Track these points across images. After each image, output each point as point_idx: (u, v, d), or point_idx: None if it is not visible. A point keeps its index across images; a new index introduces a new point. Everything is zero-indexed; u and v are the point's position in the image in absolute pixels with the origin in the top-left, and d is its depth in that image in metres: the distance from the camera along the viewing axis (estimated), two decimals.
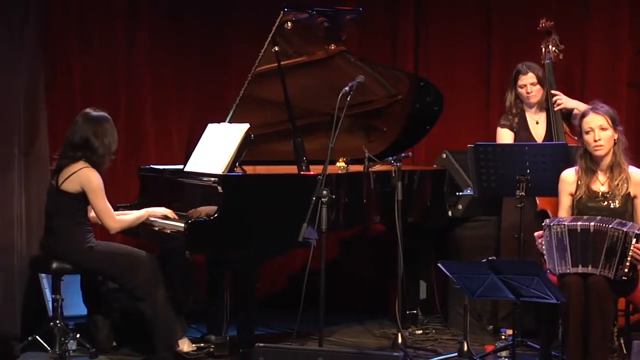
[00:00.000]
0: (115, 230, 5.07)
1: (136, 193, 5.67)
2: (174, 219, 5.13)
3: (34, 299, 5.54)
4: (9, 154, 5.39)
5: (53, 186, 5.08)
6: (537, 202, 5.38)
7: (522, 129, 5.61)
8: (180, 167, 5.45)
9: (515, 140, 5.60)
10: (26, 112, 5.50)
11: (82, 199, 5.03)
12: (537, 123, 5.63)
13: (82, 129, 5.07)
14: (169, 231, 5.05)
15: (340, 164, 5.52)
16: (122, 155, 5.89)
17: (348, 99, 4.98)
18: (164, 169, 5.62)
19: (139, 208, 5.30)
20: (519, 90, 5.61)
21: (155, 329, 5.02)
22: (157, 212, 5.17)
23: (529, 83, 5.58)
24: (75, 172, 5.02)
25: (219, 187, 4.91)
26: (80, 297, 5.28)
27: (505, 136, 5.62)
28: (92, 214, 5.10)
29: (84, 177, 5.00)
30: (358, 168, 5.56)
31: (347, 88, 5.02)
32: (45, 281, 5.54)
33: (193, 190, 5.26)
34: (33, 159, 5.55)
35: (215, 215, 4.85)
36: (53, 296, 5.12)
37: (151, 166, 5.63)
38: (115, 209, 5.21)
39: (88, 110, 5.16)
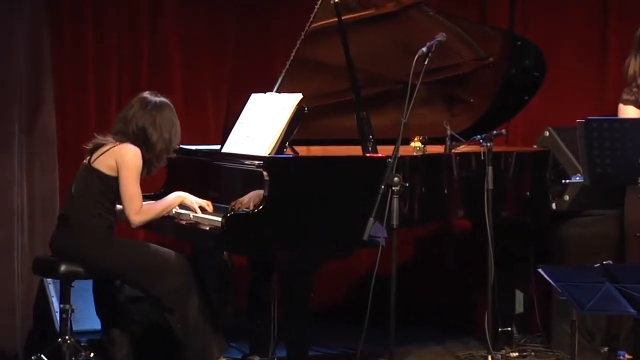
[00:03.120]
0: (137, 224, 5.09)
1: (162, 180, 5.72)
2: (209, 212, 5.15)
3: (38, 309, 5.61)
4: (8, 132, 5.52)
5: (84, 164, 5.14)
6: None
7: None
8: (217, 147, 5.48)
9: None
10: (28, 82, 5.61)
11: (112, 182, 5.05)
12: None
13: (138, 116, 5.11)
14: (204, 227, 5.06)
15: (416, 144, 5.55)
16: None
17: (426, 62, 4.99)
18: (196, 150, 5.66)
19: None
20: None
21: (186, 347, 5.05)
22: (188, 200, 5.17)
23: None
24: (115, 146, 5.07)
25: (265, 173, 4.92)
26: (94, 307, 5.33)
27: (630, 114, 5.58)
28: (119, 206, 5.13)
29: (120, 150, 5.04)
30: (438, 149, 5.58)
31: (424, 49, 5.03)
32: (51, 288, 5.59)
33: (232, 176, 5.28)
34: (36, 138, 5.65)
35: (260, 206, 4.86)
36: (61, 306, 5.14)
37: (181, 146, 5.61)
38: None
39: (146, 94, 5.21)
